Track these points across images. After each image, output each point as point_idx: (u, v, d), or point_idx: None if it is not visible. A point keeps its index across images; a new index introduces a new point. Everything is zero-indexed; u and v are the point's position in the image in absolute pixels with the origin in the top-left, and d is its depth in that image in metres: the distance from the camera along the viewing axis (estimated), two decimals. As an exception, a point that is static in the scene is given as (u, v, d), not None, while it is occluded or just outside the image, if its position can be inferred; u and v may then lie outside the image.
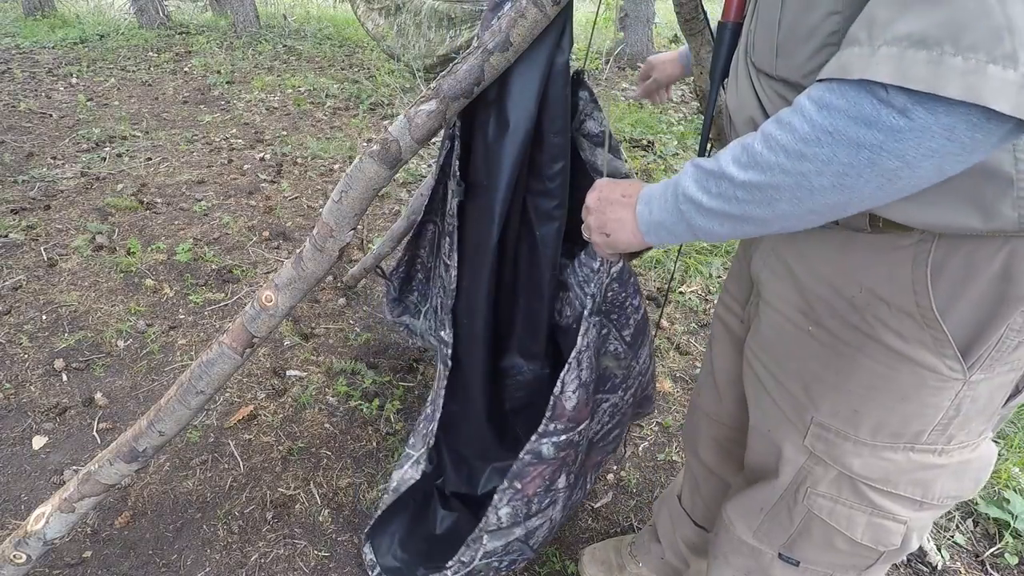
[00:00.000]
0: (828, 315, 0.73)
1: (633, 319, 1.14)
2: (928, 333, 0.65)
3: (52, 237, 2.67)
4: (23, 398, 1.86)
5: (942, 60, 0.43)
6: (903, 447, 0.73)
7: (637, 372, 1.24)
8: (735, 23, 0.83)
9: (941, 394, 0.68)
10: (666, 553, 1.34)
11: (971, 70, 0.42)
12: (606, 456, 1.40)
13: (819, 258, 0.72)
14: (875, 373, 0.70)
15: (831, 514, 0.80)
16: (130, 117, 4.17)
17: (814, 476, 0.80)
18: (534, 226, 1.16)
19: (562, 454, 1.13)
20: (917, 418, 0.70)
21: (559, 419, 1.09)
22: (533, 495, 1.15)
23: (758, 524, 0.91)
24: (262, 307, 1.08)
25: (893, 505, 0.76)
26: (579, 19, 7.22)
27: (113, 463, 1.17)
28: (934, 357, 0.66)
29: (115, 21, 7.29)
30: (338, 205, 1.00)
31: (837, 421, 0.76)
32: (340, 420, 1.85)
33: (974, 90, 0.42)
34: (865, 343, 0.70)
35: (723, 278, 2.64)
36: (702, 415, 1.15)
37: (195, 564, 1.44)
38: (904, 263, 0.63)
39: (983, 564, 1.56)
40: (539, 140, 1.07)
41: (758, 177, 0.56)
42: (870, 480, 0.76)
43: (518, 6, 0.90)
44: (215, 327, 2.20)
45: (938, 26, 0.43)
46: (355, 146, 3.79)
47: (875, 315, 0.68)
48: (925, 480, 0.74)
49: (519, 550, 1.23)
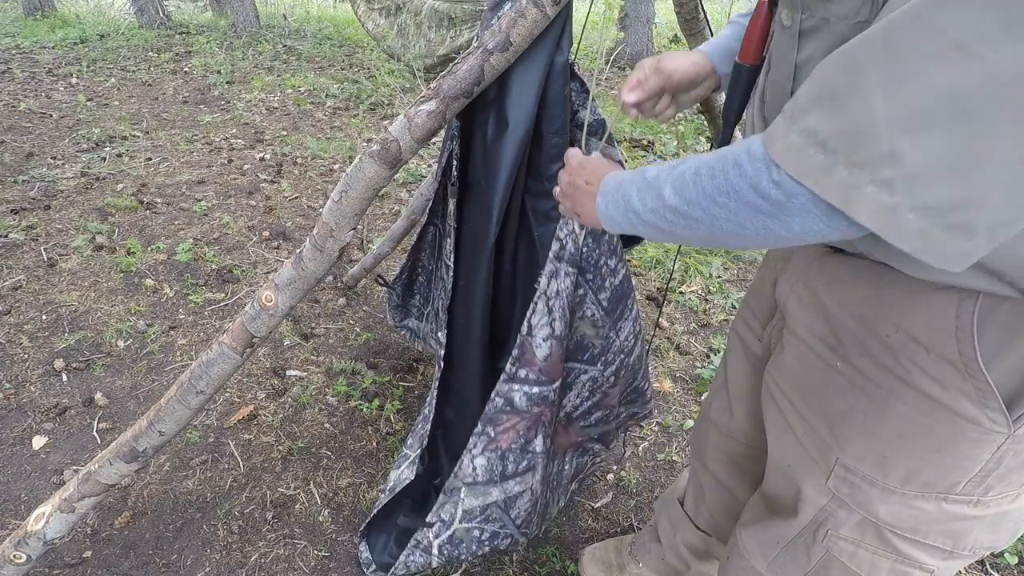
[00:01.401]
0: (858, 352, 0.70)
1: (610, 282, 1.12)
2: (971, 383, 0.61)
3: (52, 237, 2.67)
4: (23, 398, 1.86)
5: (834, 169, 0.47)
6: (935, 496, 0.69)
7: (618, 348, 1.22)
8: (752, 66, 0.80)
9: (980, 447, 0.64)
10: (667, 554, 1.34)
11: (853, 184, 0.47)
12: (592, 444, 1.38)
13: (852, 292, 0.69)
14: (908, 420, 0.66)
15: (852, 558, 0.77)
16: (130, 117, 4.17)
17: (836, 519, 0.77)
18: (532, 227, 1.15)
19: (536, 409, 1.11)
20: (953, 470, 0.66)
21: (529, 365, 1.07)
22: (507, 450, 1.14)
23: (774, 557, 0.88)
24: (262, 307, 1.08)
25: (920, 554, 0.73)
26: (579, 19, 7.22)
27: (113, 463, 1.17)
28: (976, 408, 0.62)
29: (115, 21, 7.29)
30: (338, 205, 1.00)
31: (864, 466, 0.72)
32: (340, 420, 1.85)
33: (850, 202, 0.48)
34: (898, 387, 0.66)
35: (723, 278, 2.65)
36: (712, 426, 1.12)
37: (195, 564, 1.44)
38: (948, 308, 0.60)
39: (983, 564, 1.56)
40: (538, 140, 1.07)
41: (682, 207, 0.59)
42: (897, 528, 0.72)
43: (518, 6, 0.90)
44: (215, 327, 2.20)
45: (837, 135, 0.47)
46: (355, 146, 3.79)
47: (911, 359, 0.64)
48: (957, 531, 0.71)
49: (500, 520, 1.21)
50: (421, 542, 1.24)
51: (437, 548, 1.22)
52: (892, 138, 0.45)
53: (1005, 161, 0.42)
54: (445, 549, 1.23)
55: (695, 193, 0.57)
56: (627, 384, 1.32)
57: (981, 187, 0.44)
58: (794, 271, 0.80)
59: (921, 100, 0.43)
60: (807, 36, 0.64)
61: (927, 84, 0.43)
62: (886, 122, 0.45)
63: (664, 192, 0.61)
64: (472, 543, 1.23)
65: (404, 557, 1.25)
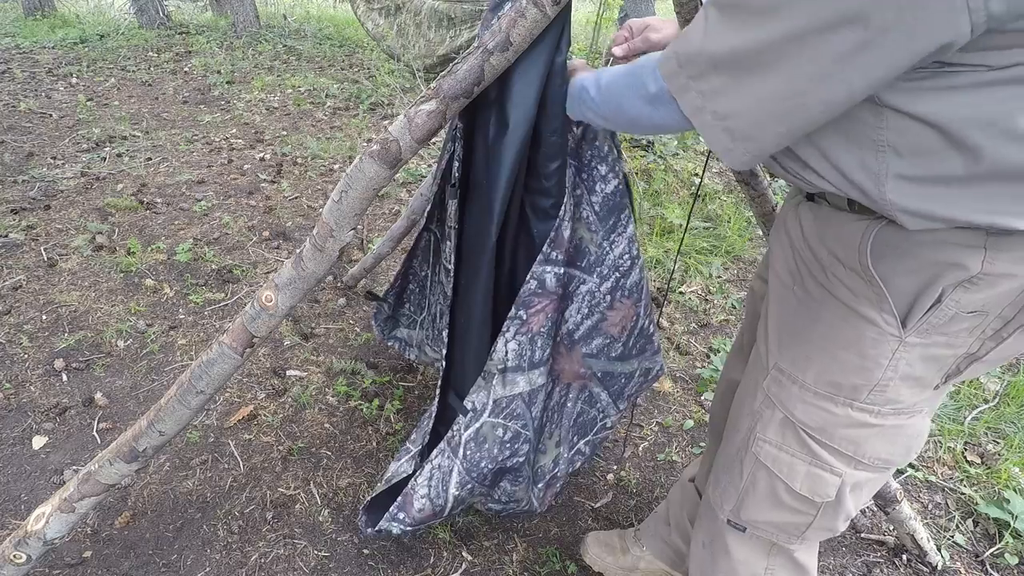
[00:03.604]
0: (807, 275, 0.85)
1: (600, 187, 1.19)
2: (871, 290, 0.76)
3: (52, 237, 2.67)
4: (23, 398, 1.86)
5: (678, 76, 0.72)
6: (843, 401, 0.82)
7: (612, 263, 1.25)
8: None
9: (878, 347, 0.77)
10: (672, 533, 1.36)
11: (684, 88, 0.71)
12: (596, 389, 1.38)
13: (810, 228, 0.85)
14: (829, 324, 0.82)
15: (775, 462, 0.89)
16: (130, 117, 4.17)
17: (763, 420, 0.90)
18: (531, 224, 1.16)
19: (561, 290, 1.19)
20: (856, 371, 0.80)
21: (560, 247, 1.14)
22: (536, 333, 1.18)
23: (715, 482, 1.01)
24: (262, 307, 1.08)
25: (829, 456, 0.85)
26: (579, 19, 7.22)
27: (113, 463, 1.17)
28: (874, 311, 0.76)
29: (115, 21, 7.29)
30: (338, 205, 1.00)
31: (792, 366, 0.86)
32: (340, 420, 1.85)
33: (682, 98, 0.72)
34: (826, 298, 0.82)
35: (723, 278, 2.65)
36: (726, 383, 1.24)
37: (195, 564, 1.44)
38: (857, 231, 0.76)
39: (983, 564, 1.56)
40: (536, 139, 1.07)
41: (605, 97, 0.89)
42: (809, 427, 0.85)
43: (518, 6, 0.90)
44: (215, 327, 2.20)
45: (682, 56, 0.71)
46: (355, 146, 3.79)
47: (834, 273, 0.80)
48: (859, 437, 0.83)
49: (522, 418, 1.22)
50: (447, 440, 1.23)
51: (463, 449, 1.21)
52: (709, 65, 0.68)
53: (759, 95, 0.66)
54: (469, 450, 1.21)
55: (615, 88, 0.86)
56: (630, 320, 1.32)
57: (743, 106, 0.67)
58: (780, 220, 0.96)
59: (728, 43, 0.65)
60: None
61: (732, 35, 0.65)
62: (708, 55, 0.67)
63: (601, 84, 0.89)
64: (494, 446, 1.22)
65: (426, 469, 1.24)
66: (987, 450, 1.88)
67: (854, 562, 1.55)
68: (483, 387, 1.21)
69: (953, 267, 0.69)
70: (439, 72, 2.81)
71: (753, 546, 0.99)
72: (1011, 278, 0.69)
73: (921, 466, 1.82)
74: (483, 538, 1.55)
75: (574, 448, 1.41)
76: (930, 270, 0.71)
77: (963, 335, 0.75)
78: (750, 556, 1.00)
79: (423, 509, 1.23)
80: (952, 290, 0.71)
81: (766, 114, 0.66)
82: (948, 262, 0.70)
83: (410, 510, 1.24)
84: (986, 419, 1.96)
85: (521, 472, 1.25)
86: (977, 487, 1.75)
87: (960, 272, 0.69)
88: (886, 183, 0.68)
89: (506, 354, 1.18)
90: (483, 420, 1.21)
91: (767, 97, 0.65)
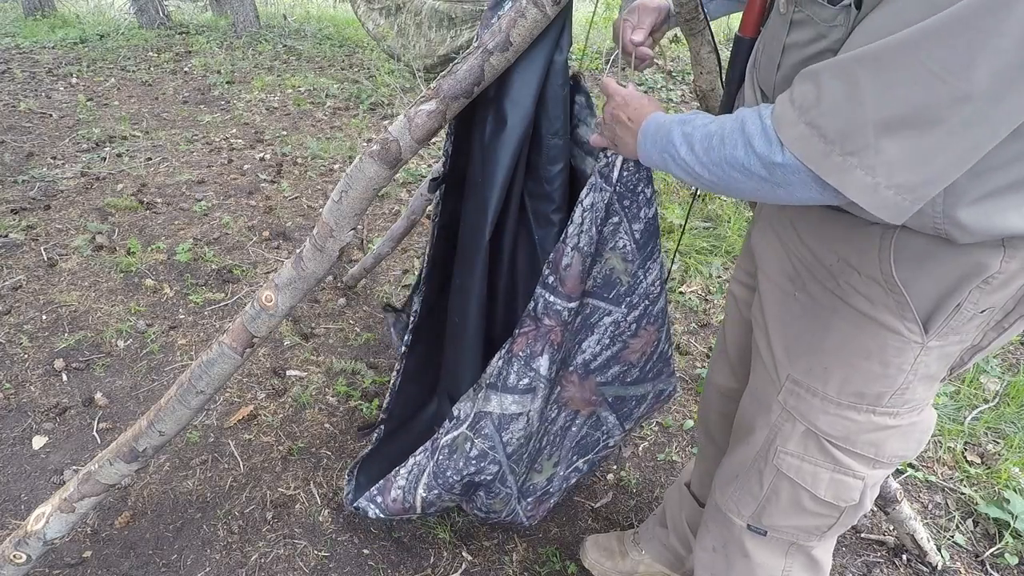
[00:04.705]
0: (810, 280, 0.83)
1: (644, 212, 1.09)
2: (892, 298, 0.75)
3: (52, 237, 2.67)
4: (23, 398, 1.86)
5: (830, 155, 0.62)
6: (865, 408, 0.82)
7: (644, 291, 1.18)
8: (751, 38, 0.91)
9: (901, 355, 0.77)
10: (670, 537, 1.36)
11: (845, 168, 0.62)
12: (605, 413, 1.33)
13: (806, 230, 0.83)
14: (845, 333, 0.80)
15: (798, 472, 0.88)
16: (130, 117, 4.17)
17: (784, 433, 0.89)
18: (533, 230, 1.15)
19: (547, 321, 1.09)
20: (879, 379, 0.79)
21: (555, 272, 1.07)
22: (515, 356, 1.13)
23: (730, 491, 0.99)
24: (262, 307, 1.08)
25: (852, 461, 0.85)
26: (579, 19, 7.22)
27: (113, 463, 1.17)
28: (896, 320, 0.75)
29: (115, 21, 7.29)
30: (338, 205, 1.00)
31: (809, 378, 0.85)
32: (340, 420, 1.85)
33: (843, 181, 0.63)
34: (838, 306, 0.80)
35: (723, 278, 2.65)
36: (714, 389, 1.22)
37: (195, 564, 1.44)
38: (874, 238, 0.74)
39: (983, 564, 1.56)
40: (537, 142, 1.06)
41: (706, 165, 0.74)
42: (832, 437, 0.84)
43: (518, 6, 0.90)
44: (215, 327, 2.20)
45: (835, 131, 0.62)
46: (355, 146, 3.79)
47: (847, 281, 0.78)
48: (879, 440, 0.84)
49: (490, 439, 1.17)
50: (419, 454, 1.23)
51: (438, 454, 1.20)
52: (877, 136, 0.59)
53: (950, 156, 0.59)
54: (442, 455, 1.20)
55: (717, 157, 0.72)
56: (651, 345, 1.26)
57: (937, 173, 0.60)
58: (764, 221, 0.94)
59: (901, 109, 0.58)
60: (796, 25, 0.76)
61: (905, 98, 0.57)
62: (872, 124, 0.59)
63: (695, 148, 0.75)
64: (460, 458, 1.18)
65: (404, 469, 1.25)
66: (987, 450, 1.88)
67: (854, 562, 1.55)
68: (470, 398, 1.20)
69: (978, 268, 0.70)
70: (439, 72, 2.81)
71: (772, 548, 0.99)
72: (1022, 274, 0.70)
73: (921, 466, 1.82)
74: (483, 538, 1.55)
75: (571, 466, 1.39)
76: (956, 273, 0.71)
77: (972, 330, 0.77)
78: (769, 558, 1.00)
79: (396, 500, 1.24)
80: (973, 291, 0.71)
81: (958, 166, 0.60)
82: (974, 263, 0.70)
83: (387, 496, 1.25)
84: (986, 419, 1.96)
85: (493, 488, 1.22)
86: (977, 487, 1.75)
87: (983, 272, 0.70)
88: (960, 201, 0.65)
89: (491, 369, 1.16)
90: (460, 431, 1.20)
91: (969, 148, 0.58)
